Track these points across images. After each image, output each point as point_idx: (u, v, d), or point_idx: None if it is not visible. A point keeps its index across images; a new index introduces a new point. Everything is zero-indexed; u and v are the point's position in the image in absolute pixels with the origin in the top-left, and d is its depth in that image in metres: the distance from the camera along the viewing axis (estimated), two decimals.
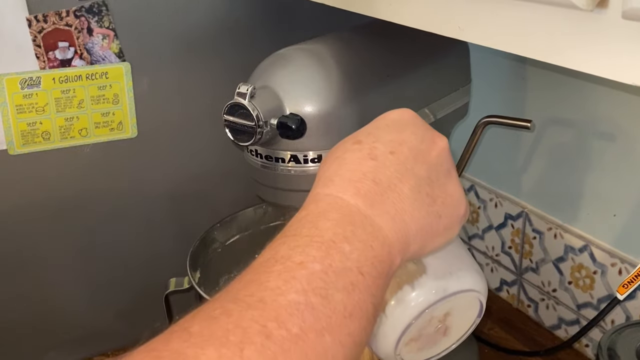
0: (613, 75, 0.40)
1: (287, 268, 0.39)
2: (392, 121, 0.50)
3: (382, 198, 0.45)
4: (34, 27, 0.84)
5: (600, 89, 0.86)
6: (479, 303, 0.54)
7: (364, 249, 0.42)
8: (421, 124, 0.50)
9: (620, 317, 0.89)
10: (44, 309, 0.96)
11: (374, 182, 0.45)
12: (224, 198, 1.02)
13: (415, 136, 0.49)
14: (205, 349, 0.34)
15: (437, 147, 0.49)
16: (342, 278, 0.40)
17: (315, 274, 0.39)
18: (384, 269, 0.43)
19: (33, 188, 0.90)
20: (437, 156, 0.49)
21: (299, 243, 0.41)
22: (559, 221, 0.96)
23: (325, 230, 0.42)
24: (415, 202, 0.46)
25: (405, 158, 0.47)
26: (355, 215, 0.43)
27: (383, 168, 0.46)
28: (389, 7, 0.58)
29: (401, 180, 0.46)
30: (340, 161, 0.47)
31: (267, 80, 0.70)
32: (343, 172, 0.46)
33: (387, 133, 0.49)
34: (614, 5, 0.38)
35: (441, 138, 0.50)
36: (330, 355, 0.38)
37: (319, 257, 0.40)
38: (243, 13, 0.96)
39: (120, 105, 0.92)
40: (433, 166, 0.48)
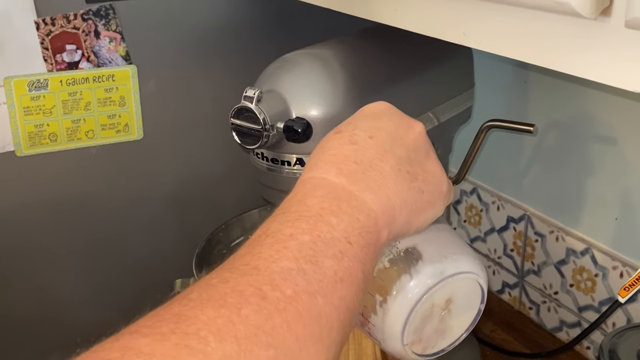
0: (616, 82, 0.41)
1: (278, 240, 0.41)
2: (369, 112, 0.53)
3: (364, 176, 0.47)
4: (42, 30, 0.85)
5: (601, 94, 0.87)
6: (479, 287, 0.54)
7: (350, 220, 0.44)
8: (396, 112, 0.53)
9: (622, 319, 0.90)
10: (50, 309, 0.97)
11: (355, 162, 0.47)
12: (229, 199, 1.03)
13: (392, 122, 0.51)
14: (205, 310, 0.36)
15: (413, 131, 0.52)
16: (331, 247, 0.42)
17: (305, 244, 0.41)
18: (371, 239, 0.45)
19: (40, 189, 0.91)
20: (414, 139, 0.51)
21: (289, 218, 0.43)
22: (560, 224, 0.97)
23: (312, 206, 0.44)
24: (397, 179, 0.48)
25: (384, 141, 0.49)
26: (339, 192, 0.46)
27: (363, 150, 0.48)
28: (394, 12, 0.59)
29: (382, 160, 0.48)
30: (323, 149, 0.50)
31: (273, 84, 0.71)
32: (326, 157, 0.48)
33: (365, 122, 0.51)
34: (617, 14, 0.39)
35: (417, 123, 0.53)
36: (323, 315, 0.39)
37: (308, 229, 0.42)
38: (248, 17, 0.97)
39: (126, 107, 0.93)
40: (411, 148, 0.51)
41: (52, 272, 0.95)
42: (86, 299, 0.99)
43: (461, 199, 1.16)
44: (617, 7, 0.39)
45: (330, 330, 0.40)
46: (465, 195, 1.15)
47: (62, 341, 0.99)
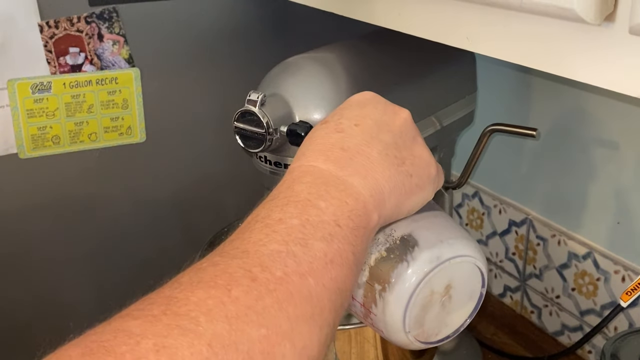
0: (619, 88, 0.41)
1: (267, 225, 0.42)
2: (354, 101, 0.53)
3: (351, 162, 0.47)
4: (46, 33, 0.85)
5: (604, 99, 0.87)
6: (478, 271, 0.54)
7: (338, 204, 0.44)
8: (382, 100, 0.53)
9: (624, 324, 0.90)
10: (53, 311, 0.97)
11: (342, 149, 0.48)
12: (232, 203, 1.03)
13: (377, 110, 0.52)
14: (195, 292, 0.37)
15: (399, 117, 0.52)
16: (320, 230, 0.42)
17: (294, 227, 0.42)
18: (361, 222, 0.45)
19: (42, 192, 0.91)
20: (400, 125, 0.51)
21: (277, 204, 0.44)
22: (562, 228, 0.97)
23: (300, 192, 0.45)
24: (385, 163, 0.49)
25: (370, 128, 0.50)
26: (327, 177, 0.46)
27: (350, 137, 0.49)
28: (398, 16, 0.59)
29: (368, 146, 0.49)
30: (310, 139, 0.50)
31: (277, 88, 0.71)
32: (313, 146, 0.49)
33: (350, 111, 0.52)
34: (621, 20, 0.39)
35: (402, 110, 0.53)
36: (314, 296, 0.40)
37: (297, 214, 0.43)
38: (252, 20, 0.97)
39: (129, 110, 0.93)
40: (398, 133, 0.51)
41: (54, 275, 0.95)
42: (88, 301, 0.99)
43: (463, 203, 1.16)
44: (621, 13, 0.39)
45: (322, 310, 0.40)
46: (467, 198, 1.15)
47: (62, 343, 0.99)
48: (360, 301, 0.53)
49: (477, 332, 1.02)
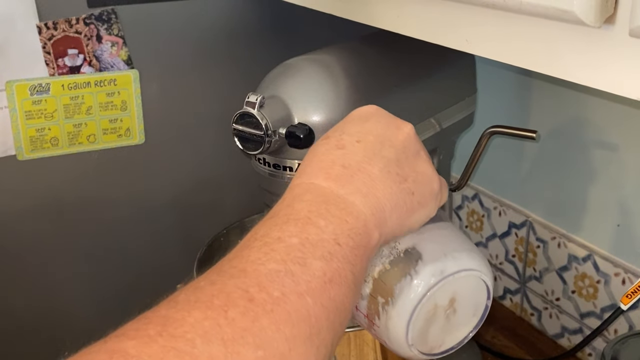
0: (619, 90, 0.41)
1: (266, 243, 0.42)
2: (357, 115, 0.53)
3: (352, 179, 0.47)
4: (44, 34, 0.85)
5: (604, 101, 0.87)
6: (483, 284, 0.53)
7: (339, 222, 0.44)
8: (385, 114, 0.53)
9: (624, 326, 0.89)
10: (50, 313, 0.97)
11: (343, 167, 0.47)
12: (231, 205, 1.03)
13: (380, 124, 0.51)
14: (192, 312, 0.37)
15: (402, 132, 0.51)
16: (319, 248, 0.42)
17: (293, 246, 0.41)
18: (361, 240, 0.45)
19: (41, 193, 0.91)
20: (403, 140, 0.51)
21: (277, 222, 0.44)
22: (562, 230, 0.97)
23: (300, 210, 0.44)
24: (386, 181, 0.48)
25: (372, 144, 0.49)
26: (328, 195, 0.46)
27: (351, 154, 0.48)
28: (397, 18, 0.59)
29: (370, 163, 0.48)
30: (311, 155, 0.50)
31: (275, 90, 0.71)
32: (314, 163, 0.48)
33: (352, 126, 0.51)
34: (621, 23, 0.39)
35: (406, 124, 0.52)
36: (312, 315, 0.39)
37: (296, 232, 0.42)
38: (250, 22, 0.97)
39: (128, 111, 0.93)
40: (400, 149, 0.50)
41: (52, 277, 0.95)
42: (87, 303, 0.99)
43: (463, 205, 1.16)
44: (621, 15, 0.39)
45: (319, 330, 0.40)
46: (467, 200, 1.15)
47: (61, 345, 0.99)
48: (364, 312, 0.53)
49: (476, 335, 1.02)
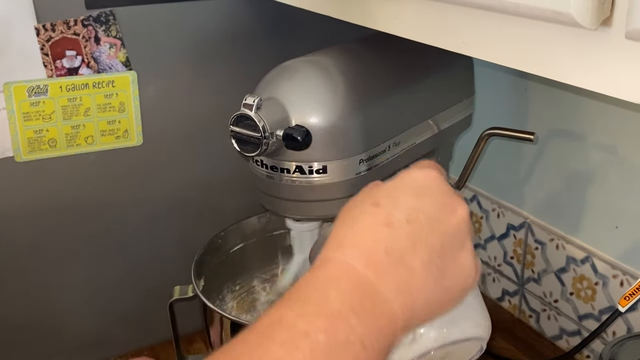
0: (615, 93, 0.41)
1: (291, 337, 0.40)
2: (414, 183, 0.49)
3: (392, 270, 0.44)
4: (42, 36, 0.85)
5: (601, 104, 0.87)
6: (479, 346, 0.54)
7: (369, 322, 0.42)
8: (444, 190, 0.49)
9: (622, 328, 0.89)
10: (48, 314, 0.97)
11: (386, 252, 0.44)
12: (229, 206, 1.03)
13: (435, 204, 0.48)
14: None
15: (456, 216, 0.48)
16: (345, 351, 0.40)
17: (319, 346, 0.39)
18: (386, 342, 0.43)
19: (39, 195, 0.91)
20: (454, 226, 0.48)
21: (306, 311, 0.41)
22: (561, 232, 0.97)
23: (333, 300, 0.42)
24: (426, 278, 0.45)
25: (421, 227, 0.46)
26: (365, 286, 0.43)
27: (397, 237, 0.45)
28: (395, 20, 0.58)
29: (414, 251, 0.45)
30: (355, 224, 0.46)
31: (273, 92, 0.71)
32: (357, 238, 0.45)
33: (406, 197, 0.48)
34: (618, 25, 0.39)
35: (462, 206, 0.49)
36: None
37: (324, 328, 0.40)
38: (248, 24, 0.97)
39: (126, 113, 0.92)
40: (448, 237, 0.47)
41: (50, 278, 0.95)
42: (84, 305, 0.99)
43: None
44: (618, 17, 0.39)
45: None
46: (466, 202, 1.14)
47: (60, 347, 0.99)
48: None
49: None
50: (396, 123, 0.78)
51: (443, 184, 0.49)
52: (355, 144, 0.72)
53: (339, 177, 0.72)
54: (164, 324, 0.87)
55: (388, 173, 0.78)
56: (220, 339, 0.80)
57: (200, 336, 1.04)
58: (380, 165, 0.76)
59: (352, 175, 0.73)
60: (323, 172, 0.71)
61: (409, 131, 0.80)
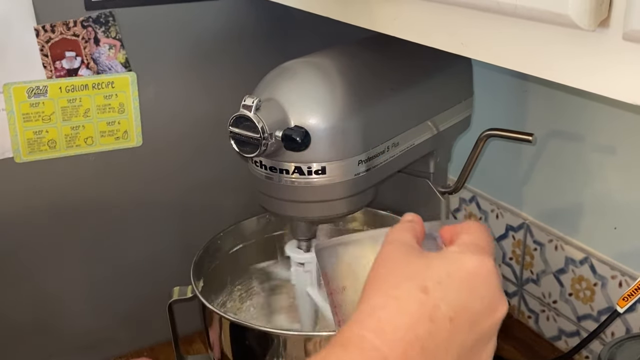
0: (613, 94, 0.41)
1: None
2: (467, 275, 0.47)
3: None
4: (42, 37, 0.85)
5: (599, 105, 0.87)
6: None
7: None
8: (493, 285, 0.48)
9: (621, 329, 0.89)
10: (47, 315, 0.97)
11: (422, 349, 0.44)
12: (228, 207, 1.03)
13: (481, 303, 0.47)
14: None
15: (495, 317, 0.47)
16: None
17: None
18: None
19: (38, 196, 0.91)
20: (491, 325, 0.47)
21: None
22: (559, 233, 0.97)
23: None
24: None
25: (461, 327, 0.45)
26: None
27: (436, 335, 0.44)
28: (393, 22, 0.59)
29: (446, 351, 0.45)
30: (399, 308, 0.45)
31: (272, 93, 0.71)
32: (398, 327, 0.44)
33: (457, 292, 0.46)
34: (615, 26, 0.39)
35: (503, 305, 0.48)
36: None
37: None
38: (247, 25, 0.97)
39: (125, 114, 0.93)
40: (482, 336, 0.47)
41: (49, 279, 0.95)
42: (83, 306, 0.99)
43: (460, 207, 1.16)
44: (615, 19, 0.39)
45: None
46: (465, 203, 1.15)
47: (60, 348, 0.99)
48: None
49: None
50: (395, 124, 0.78)
51: (495, 278, 0.48)
52: (355, 145, 0.72)
53: (338, 177, 0.72)
54: (164, 325, 0.87)
55: (387, 174, 0.79)
56: (219, 340, 0.80)
57: (200, 337, 1.04)
58: (379, 166, 0.76)
59: (351, 176, 0.73)
60: (322, 173, 0.71)
61: (408, 132, 0.80)
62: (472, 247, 0.49)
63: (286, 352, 0.74)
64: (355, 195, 0.75)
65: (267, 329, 0.79)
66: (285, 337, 0.75)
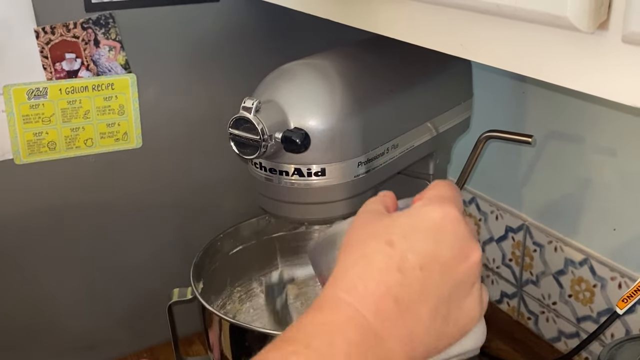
0: (612, 96, 0.41)
1: None
2: (432, 225, 0.47)
3: (399, 320, 0.44)
4: (42, 39, 0.85)
5: (598, 107, 0.87)
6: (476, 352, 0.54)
7: None
8: (461, 232, 0.48)
9: (620, 330, 0.89)
10: (46, 316, 0.97)
11: (395, 301, 0.44)
12: (228, 209, 1.03)
13: (450, 250, 0.47)
14: None
15: (468, 262, 0.47)
16: None
17: None
18: None
19: (38, 197, 0.91)
20: (465, 271, 0.47)
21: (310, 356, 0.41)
22: (559, 234, 0.97)
23: (338, 350, 0.42)
24: (430, 326, 0.45)
25: (433, 275, 0.45)
26: (370, 337, 0.43)
27: (408, 285, 0.45)
28: (393, 23, 0.59)
29: (422, 301, 0.45)
30: (367, 264, 0.45)
31: (272, 95, 0.71)
32: (368, 282, 0.45)
33: (423, 241, 0.46)
34: (614, 29, 0.39)
35: (476, 251, 0.48)
36: None
37: None
38: (247, 26, 0.97)
39: (125, 116, 0.93)
40: (458, 283, 0.47)
41: (49, 280, 0.95)
42: (83, 307, 0.99)
43: None
44: (614, 21, 0.39)
45: None
46: (464, 204, 1.15)
47: (59, 349, 0.99)
48: None
49: None
50: (394, 126, 0.78)
51: (461, 225, 0.48)
52: (354, 147, 0.72)
53: (337, 179, 0.72)
54: (163, 327, 0.87)
55: (387, 175, 0.79)
56: (219, 341, 0.80)
57: (199, 338, 1.04)
58: (379, 168, 0.76)
59: (351, 178, 0.73)
60: (322, 175, 0.71)
61: (408, 134, 0.80)
62: (436, 199, 0.49)
63: None
64: (355, 197, 0.75)
65: (266, 331, 0.79)
66: None
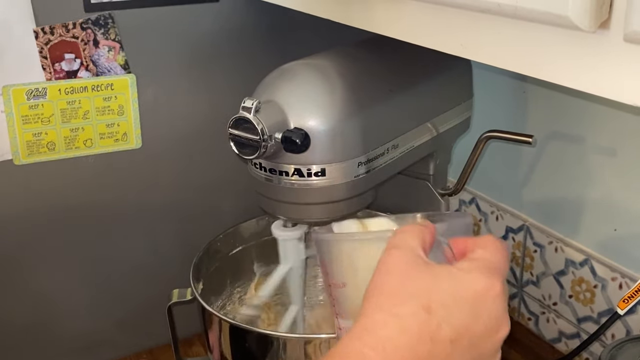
0: (613, 95, 0.41)
1: None
2: (473, 296, 0.46)
3: None
4: (41, 39, 0.85)
5: (600, 106, 0.87)
6: None
7: None
8: (499, 309, 0.46)
9: (621, 331, 0.89)
10: (46, 317, 0.97)
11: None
12: (227, 209, 1.03)
13: (484, 326, 0.46)
14: None
15: (497, 337, 0.46)
16: None
17: None
18: None
19: (37, 198, 0.91)
20: (491, 347, 0.46)
21: None
22: (559, 235, 0.97)
23: None
24: None
25: (462, 350, 0.45)
26: None
27: (434, 356, 0.44)
28: (394, 23, 0.59)
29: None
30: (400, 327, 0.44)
31: (272, 95, 0.71)
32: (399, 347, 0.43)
33: (459, 312, 0.45)
34: (616, 28, 0.39)
35: (505, 327, 0.47)
36: None
37: None
38: (247, 26, 0.97)
39: (125, 116, 0.92)
40: (482, 353, 0.46)
41: (48, 281, 0.95)
42: (83, 307, 0.99)
43: (460, 209, 1.16)
44: (616, 20, 0.39)
45: None
46: (464, 205, 1.15)
47: (59, 350, 0.99)
48: None
49: None
50: (395, 126, 0.78)
51: (501, 301, 0.46)
52: (354, 147, 0.72)
53: (337, 179, 0.72)
54: (163, 327, 0.86)
55: (387, 176, 0.78)
56: (218, 342, 0.80)
57: (199, 339, 1.04)
58: (379, 168, 0.76)
59: (351, 178, 0.73)
60: (322, 175, 0.71)
61: (408, 134, 0.80)
62: (483, 265, 0.47)
63: (286, 354, 0.74)
64: (355, 197, 0.75)
65: (266, 332, 0.79)
66: (285, 340, 0.75)
